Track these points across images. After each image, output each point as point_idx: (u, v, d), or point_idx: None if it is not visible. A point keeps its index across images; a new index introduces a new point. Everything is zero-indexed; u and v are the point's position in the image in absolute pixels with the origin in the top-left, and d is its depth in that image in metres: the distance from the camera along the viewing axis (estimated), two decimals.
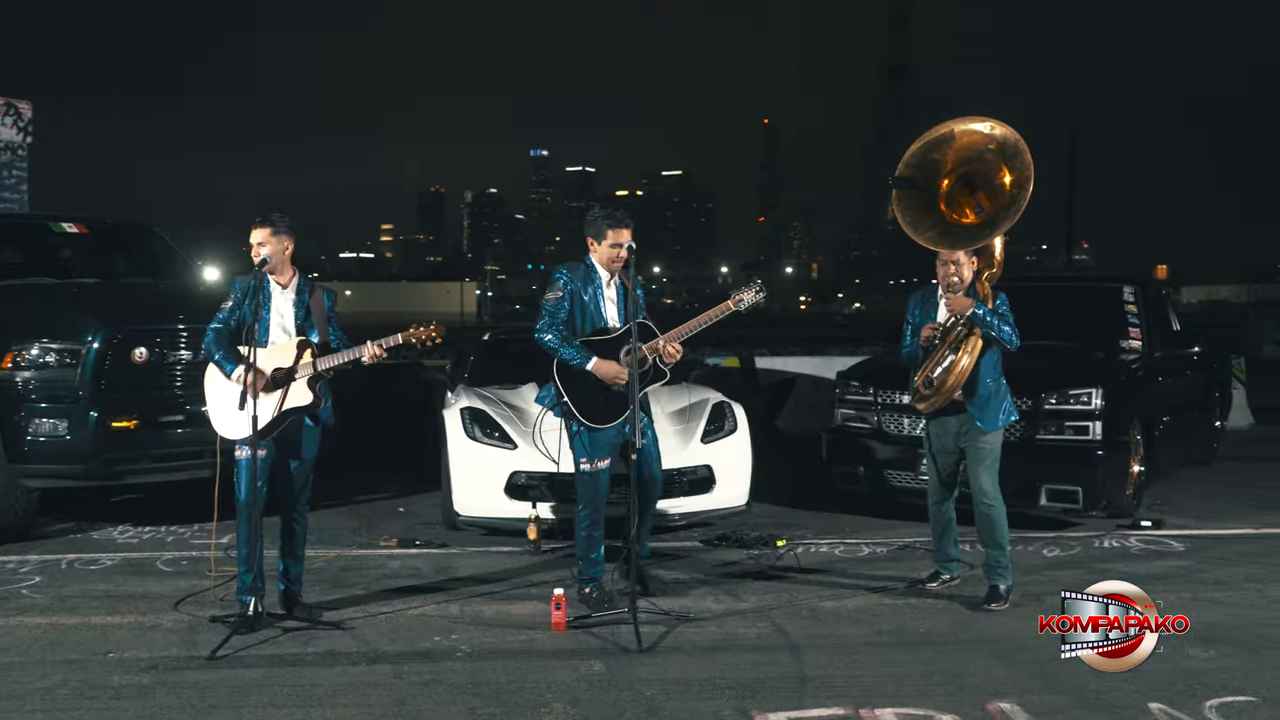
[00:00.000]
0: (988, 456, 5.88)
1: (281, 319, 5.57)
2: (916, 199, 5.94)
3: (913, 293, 6.35)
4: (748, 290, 5.95)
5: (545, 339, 5.73)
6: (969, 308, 5.78)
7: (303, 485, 5.68)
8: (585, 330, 5.82)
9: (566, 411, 5.74)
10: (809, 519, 8.20)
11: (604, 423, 5.72)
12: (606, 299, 5.87)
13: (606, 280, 5.88)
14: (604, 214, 5.87)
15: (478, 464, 7.43)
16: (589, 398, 5.71)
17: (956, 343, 5.84)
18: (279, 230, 5.53)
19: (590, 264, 5.88)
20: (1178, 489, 9.16)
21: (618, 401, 5.70)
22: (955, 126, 5.91)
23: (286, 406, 5.43)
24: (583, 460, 5.78)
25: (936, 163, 5.94)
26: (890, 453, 8.15)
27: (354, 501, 8.82)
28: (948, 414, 5.95)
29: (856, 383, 8.52)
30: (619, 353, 5.75)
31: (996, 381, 5.91)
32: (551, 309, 5.76)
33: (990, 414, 5.87)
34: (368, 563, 6.85)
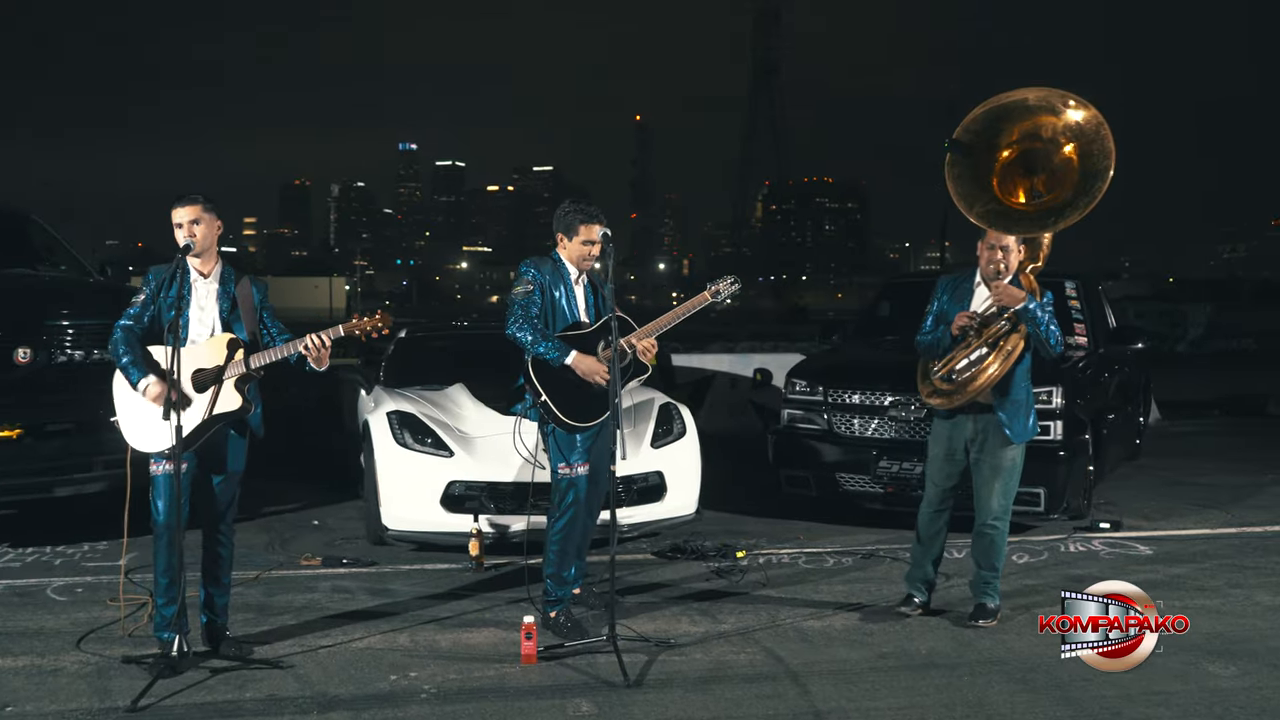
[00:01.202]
0: (1007, 472, 5.39)
1: (203, 313, 4.86)
2: (969, 169, 5.36)
3: (942, 275, 5.83)
4: (723, 281, 5.48)
5: (519, 335, 5.18)
6: (1020, 301, 5.23)
7: (228, 503, 4.98)
8: (556, 327, 5.29)
9: (546, 412, 5.18)
10: (759, 526, 7.75)
11: (586, 421, 5.19)
12: (577, 297, 5.35)
13: (575, 277, 5.37)
14: (576, 208, 5.34)
15: (409, 473, 6.78)
16: (569, 396, 5.16)
17: (995, 338, 5.30)
18: (210, 207, 4.83)
19: (558, 260, 5.37)
20: (1114, 487, 9.01)
21: (599, 399, 5.17)
22: (1030, 96, 5.31)
23: (215, 412, 4.73)
24: (561, 465, 5.23)
25: (999, 133, 5.35)
26: (842, 455, 7.76)
27: (262, 514, 8.05)
28: (966, 414, 5.43)
29: (804, 382, 8.11)
30: (596, 348, 5.23)
31: (1028, 386, 5.45)
32: (522, 303, 5.22)
33: (1020, 423, 5.38)
34: (292, 585, 6.15)
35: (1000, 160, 5.41)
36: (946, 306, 5.59)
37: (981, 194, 5.39)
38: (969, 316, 5.36)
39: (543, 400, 5.16)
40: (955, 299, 5.57)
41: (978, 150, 5.41)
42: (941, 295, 5.67)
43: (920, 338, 5.68)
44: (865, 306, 11.67)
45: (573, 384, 5.17)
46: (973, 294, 5.52)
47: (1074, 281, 8.94)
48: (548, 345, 5.16)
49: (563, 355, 5.15)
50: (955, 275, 5.74)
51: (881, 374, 7.83)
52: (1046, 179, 5.38)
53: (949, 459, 5.53)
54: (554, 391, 5.16)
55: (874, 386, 7.72)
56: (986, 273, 5.42)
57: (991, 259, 5.38)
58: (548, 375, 5.17)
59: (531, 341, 5.16)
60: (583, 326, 5.31)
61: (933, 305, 5.70)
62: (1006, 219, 5.34)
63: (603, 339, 5.26)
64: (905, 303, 9.33)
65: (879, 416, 7.65)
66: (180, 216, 4.80)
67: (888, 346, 8.69)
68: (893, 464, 7.52)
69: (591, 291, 5.44)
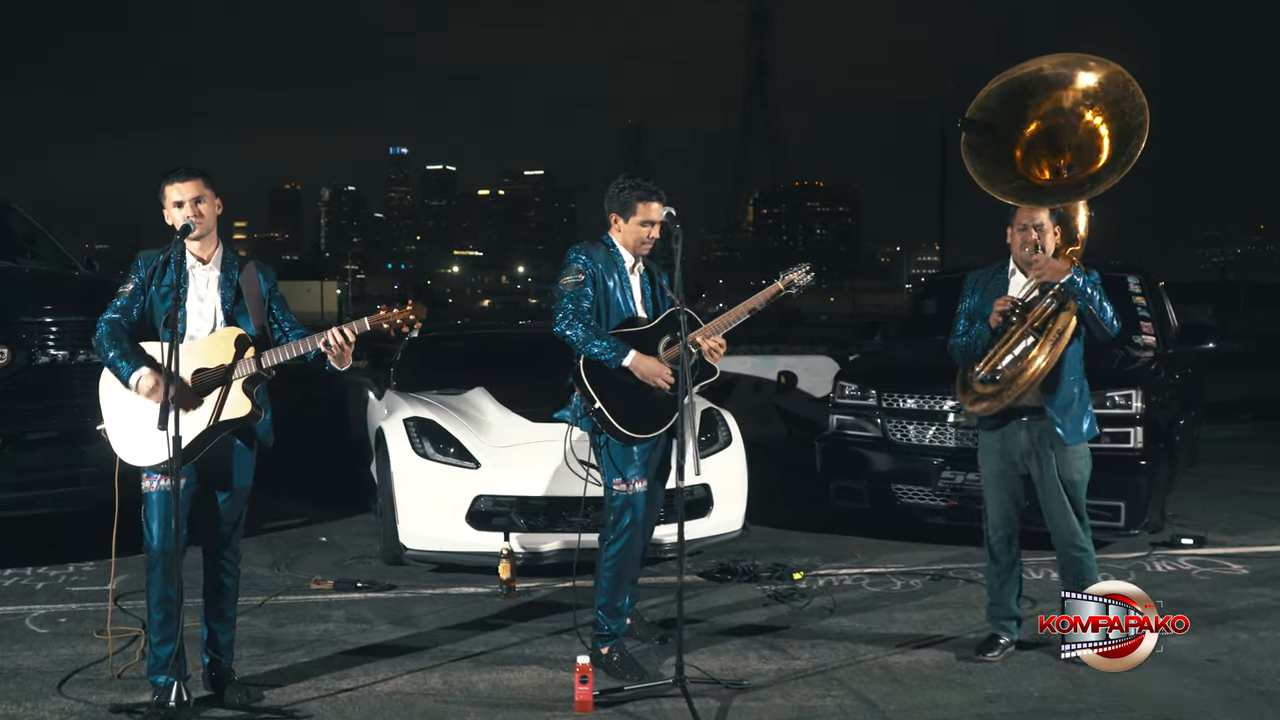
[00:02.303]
0: (1076, 483, 4.74)
1: (203, 304, 4.20)
2: (989, 146, 4.77)
3: (971, 270, 5.17)
4: (796, 271, 4.85)
5: (569, 333, 4.52)
6: (1065, 273, 4.58)
7: (233, 524, 4.32)
8: (610, 323, 4.63)
9: (600, 420, 4.51)
10: (809, 542, 7.09)
11: (647, 432, 4.54)
12: (633, 287, 4.69)
13: (631, 265, 4.71)
14: (632, 184, 4.68)
15: (431, 487, 6.11)
16: (626, 402, 4.50)
17: (1041, 322, 4.65)
18: (211, 183, 4.17)
19: (611, 245, 4.71)
20: (1179, 497, 8.36)
21: (661, 406, 4.52)
22: (1046, 66, 4.74)
23: (220, 419, 4.06)
24: (616, 481, 4.57)
25: (1020, 109, 4.79)
26: (898, 464, 7.10)
27: (263, 530, 7.36)
28: (1016, 421, 4.77)
29: (855, 385, 7.45)
30: (657, 347, 4.57)
31: (1080, 380, 4.80)
32: (573, 295, 4.56)
33: (1074, 422, 4.72)
34: (303, 613, 5.47)
35: (1024, 138, 4.87)
36: (979, 304, 4.93)
37: (1004, 171, 4.83)
38: (1009, 302, 4.70)
39: (596, 408, 4.50)
40: (989, 294, 4.90)
41: (998, 127, 4.83)
42: (972, 293, 5.01)
43: (954, 341, 5.01)
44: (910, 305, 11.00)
45: (630, 388, 4.51)
46: (1007, 283, 4.89)
47: (1137, 277, 8.29)
48: (603, 344, 4.49)
49: (620, 356, 4.49)
50: (985, 269, 5.08)
51: (939, 376, 7.12)
52: (1074, 155, 4.83)
53: (1006, 476, 4.86)
54: (609, 397, 4.50)
55: (932, 389, 7.06)
56: (1021, 257, 4.80)
57: (1025, 241, 4.74)
58: (602, 378, 4.52)
59: (584, 340, 4.50)
60: (640, 322, 4.65)
61: (963, 304, 5.04)
62: (1037, 193, 4.77)
63: (664, 336, 4.60)
64: (952, 300, 8.66)
65: (939, 422, 7.00)
66: (180, 193, 4.14)
67: (939, 347, 8.02)
68: (956, 474, 6.86)
69: (649, 281, 4.79)
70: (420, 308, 4.13)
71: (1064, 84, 4.76)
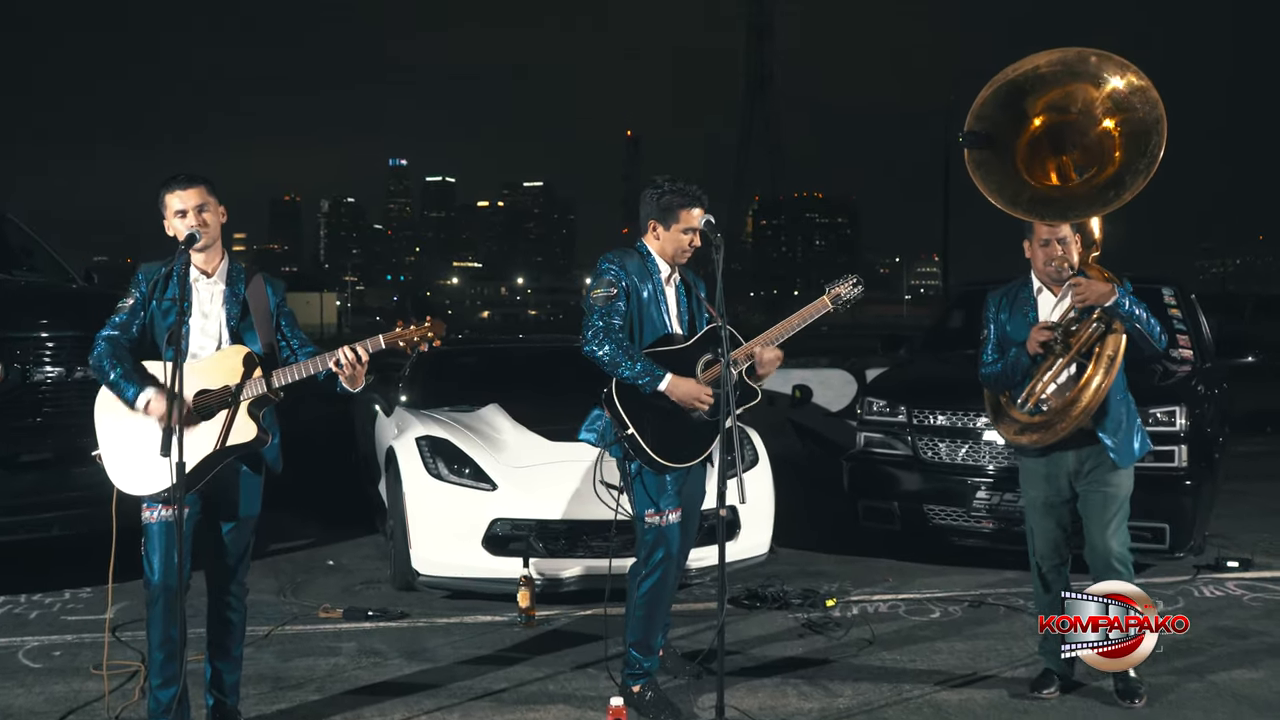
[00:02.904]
0: (1116, 503, 4.43)
1: (207, 320, 3.91)
2: (994, 159, 4.43)
3: (990, 291, 4.81)
4: (844, 283, 4.54)
5: (599, 353, 4.21)
6: (1109, 296, 4.27)
7: (240, 556, 4.03)
8: (644, 340, 4.33)
9: (632, 447, 4.21)
10: (838, 565, 6.79)
11: (684, 460, 4.25)
12: (669, 300, 4.39)
13: (666, 276, 4.40)
14: (675, 188, 4.35)
15: (446, 509, 5.82)
16: (661, 427, 4.21)
17: (1088, 346, 4.35)
18: (214, 190, 3.90)
19: (645, 253, 4.40)
20: (1214, 516, 8.06)
21: (698, 432, 4.23)
22: (1041, 63, 4.39)
23: (225, 444, 3.78)
24: (649, 512, 4.28)
25: (1018, 112, 4.45)
26: (930, 484, 6.81)
27: (268, 553, 7.07)
28: (1064, 447, 4.46)
29: (883, 401, 7.15)
30: (695, 367, 4.27)
31: (1127, 398, 4.50)
32: (604, 311, 4.25)
33: (1126, 444, 4.42)
34: (311, 645, 5.18)
35: (1022, 142, 4.52)
36: (1008, 326, 4.61)
37: (1014, 182, 4.49)
38: (1048, 329, 4.40)
39: (629, 433, 4.19)
40: (1016, 315, 4.60)
41: (1001, 136, 4.50)
42: (998, 315, 4.69)
43: (985, 371, 4.68)
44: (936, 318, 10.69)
45: (666, 412, 4.21)
46: (1035, 304, 4.57)
47: (1172, 288, 8.02)
48: (636, 368, 4.18)
49: (655, 381, 4.17)
50: (1004, 288, 4.74)
51: (972, 391, 6.80)
52: (1082, 155, 4.48)
53: (1053, 503, 4.55)
54: (643, 422, 4.20)
55: (965, 406, 6.77)
56: (1046, 274, 4.48)
57: (1049, 256, 4.42)
58: (635, 401, 4.21)
59: (615, 362, 4.18)
60: (675, 339, 4.36)
61: (988, 330, 4.70)
62: (1058, 205, 4.42)
63: (703, 355, 4.31)
64: (980, 312, 8.39)
65: (973, 440, 6.71)
66: (183, 201, 3.86)
67: (968, 360, 7.74)
68: (992, 495, 6.57)
69: (685, 292, 4.48)
70: (440, 324, 3.84)
71: (1063, 80, 4.39)
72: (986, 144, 4.44)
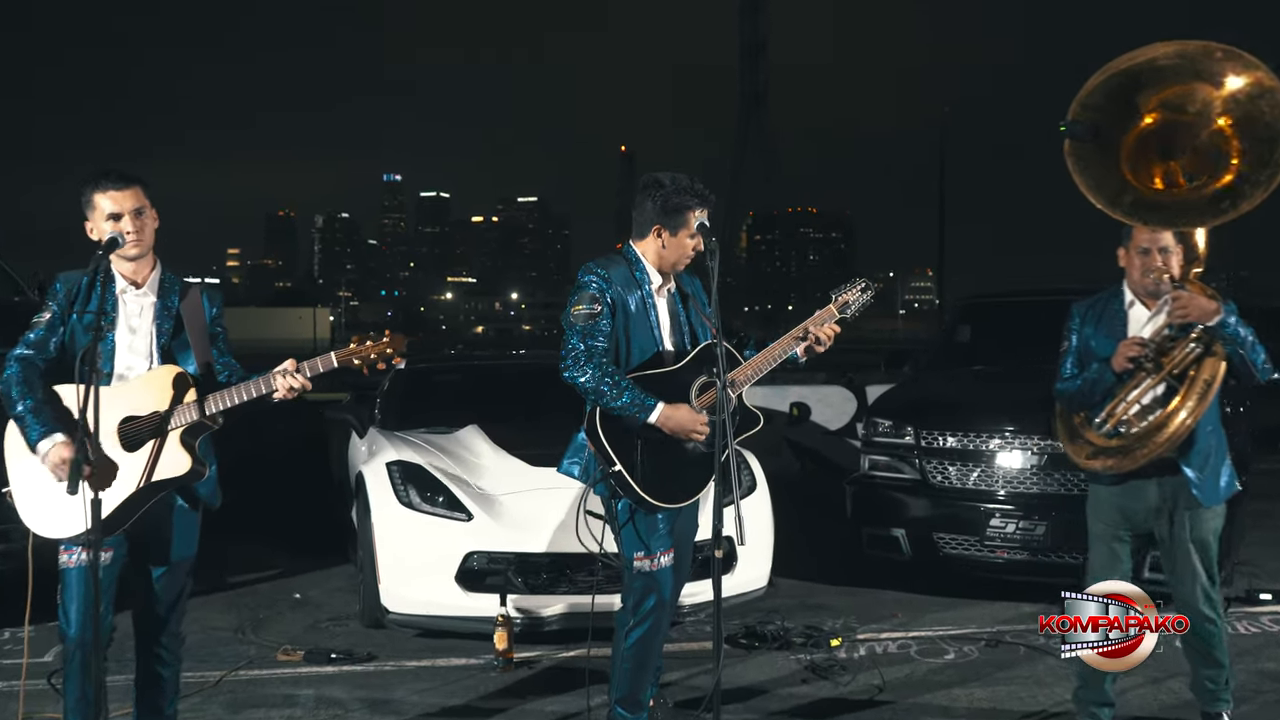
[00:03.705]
0: (1202, 546, 4.01)
1: (134, 336, 3.46)
2: (1094, 153, 3.97)
3: (1075, 302, 4.35)
4: (851, 289, 4.09)
5: (580, 379, 3.71)
6: (1214, 314, 3.82)
7: (171, 604, 3.56)
8: (630, 360, 3.85)
9: (620, 485, 3.74)
10: (842, 598, 6.33)
11: (678, 500, 3.79)
12: (660, 312, 3.92)
13: (658, 285, 3.92)
14: (678, 188, 3.83)
15: (417, 541, 5.36)
16: (653, 462, 3.74)
17: (1182, 368, 3.91)
18: (150, 191, 3.46)
19: (634, 259, 3.91)
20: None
21: (694, 467, 3.77)
22: (1160, 54, 3.92)
23: (153, 479, 3.32)
24: (638, 555, 3.81)
25: (1129, 105, 3.98)
26: (939, 511, 6.36)
27: (230, 586, 6.60)
28: (1143, 476, 4.01)
29: (889, 422, 6.70)
30: (690, 391, 3.80)
31: (1218, 430, 4.06)
32: (585, 330, 3.75)
33: (1213, 478, 3.99)
34: (265, 694, 4.71)
35: (1131, 139, 4.05)
36: (1092, 340, 4.17)
37: (1116, 181, 4.02)
38: (1139, 344, 3.96)
39: (615, 470, 3.71)
40: (1103, 328, 4.16)
41: (1106, 129, 4.03)
42: (1082, 326, 4.23)
43: (1063, 385, 4.22)
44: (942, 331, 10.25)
45: (657, 444, 3.74)
46: (1126, 317, 4.12)
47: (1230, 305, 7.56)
48: (623, 398, 3.67)
49: (645, 412, 3.68)
50: (1091, 298, 4.30)
51: (984, 411, 6.45)
52: (1192, 160, 4.02)
53: (1123, 539, 4.11)
54: (631, 457, 3.71)
55: (976, 427, 6.33)
56: (1142, 286, 4.05)
57: (1148, 267, 3.99)
58: (622, 433, 3.73)
59: (599, 390, 3.69)
60: (666, 359, 3.89)
61: (1070, 341, 4.25)
62: (1164, 211, 3.97)
63: (699, 377, 3.84)
64: (989, 326, 7.97)
65: (986, 463, 6.26)
66: (117, 203, 3.42)
67: (977, 378, 7.30)
68: (1006, 523, 6.12)
69: (679, 302, 4.01)
70: (399, 339, 3.40)
71: (1183, 77, 3.92)
72: (1091, 136, 3.95)
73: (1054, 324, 7.52)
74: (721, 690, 4.46)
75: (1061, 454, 6.13)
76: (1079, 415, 4.15)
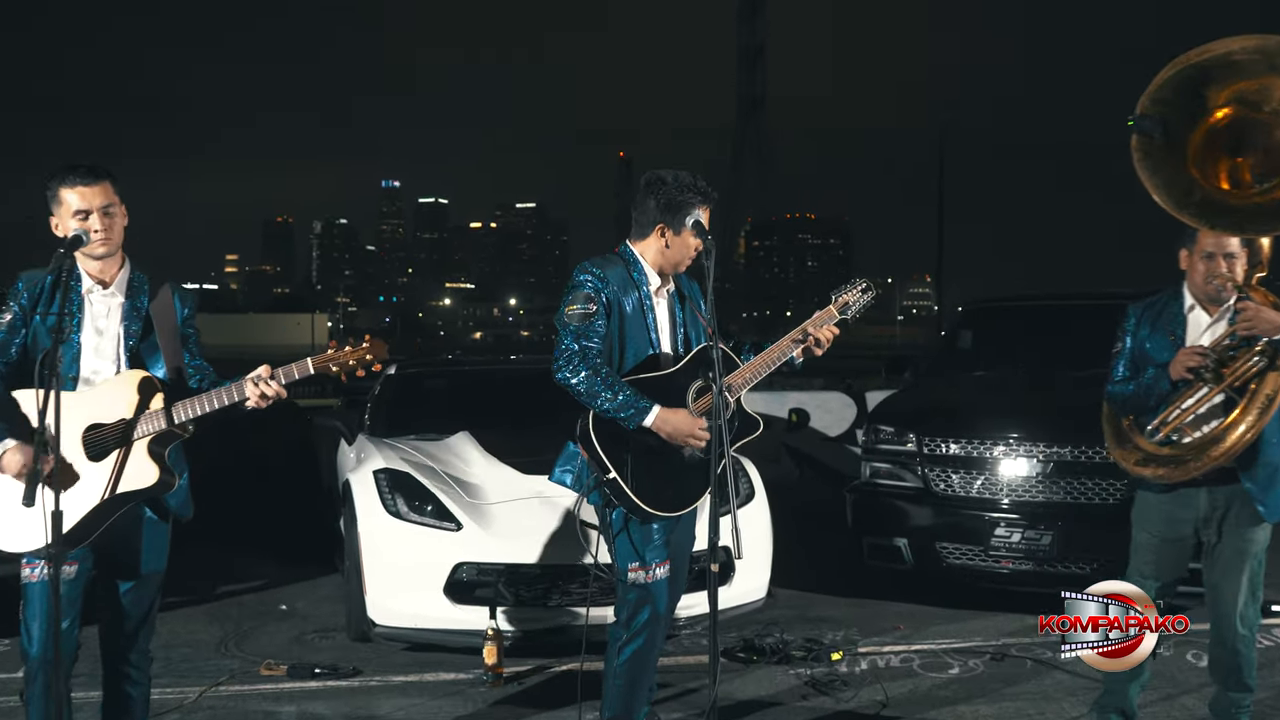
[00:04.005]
0: (1252, 560, 3.86)
1: (101, 339, 3.30)
2: (1161, 150, 3.77)
3: (1132, 303, 4.18)
4: (851, 290, 3.94)
5: (573, 380, 3.55)
6: None
7: (140, 620, 3.40)
8: (626, 363, 3.69)
9: (614, 493, 3.58)
10: (842, 610, 6.16)
11: (674, 508, 3.63)
12: (657, 313, 3.75)
13: (657, 286, 3.77)
14: (680, 185, 3.67)
15: (405, 552, 5.19)
16: (649, 469, 3.58)
17: (1243, 380, 3.75)
18: (119, 187, 3.30)
19: (632, 260, 3.75)
20: None
21: (691, 474, 3.61)
22: (1236, 48, 3.71)
23: (119, 490, 3.16)
24: (632, 566, 3.64)
25: (1199, 101, 3.77)
26: (942, 519, 6.18)
27: (214, 597, 6.43)
28: (1194, 483, 3.86)
29: (891, 428, 6.53)
30: (687, 396, 3.64)
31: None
32: (580, 330, 3.59)
33: (1275, 495, 3.83)
34: (246, 710, 4.55)
35: (1197, 134, 3.86)
36: (1148, 343, 4.01)
37: (1184, 179, 3.84)
38: (1199, 354, 3.80)
39: (610, 478, 3.55)
40: (1160, 331, 4.00)
41: (1175, 124, 3.84)
42: (1137, 329, 4.07)
43: (1115, 389, 4.06)
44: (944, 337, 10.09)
45: (653, 451, 3.58)
46: (1184, 321, 3.97)
47: None
48: (618, 399, 3.52)
49: (640, 414, 3.52)
50: (1147, 301, 4.14)
51: (988, 417, 6.29)
52: (1263, 160, 3.80)
53: (1168, 546, 3.96)
54: (626, 463, 3.55)
55: (980, 433, 6.17)
56: (1204, 291, 3.90)
57: (1212, 272, 3.85)
58: (616, 438, 3.56)
59: (592, 392, 3.53)
60: (664, 361, 3.73)
61: (1124, 343, 4.10)
62: (1234, 216, 3.77)
63: (697, 380, 3.68)
64: (992, 331, 7.80)
65: (990, 471, 6.09)
66: (85, 200, 3.26)
67: (981, 383, 7.14)
68: (1011, 532, 5.96)
69: (678, 303, 3.85)
70: (380, 345, 3.24)
71: (1259, 72, 3.70)
72: (1159, 131, 3.76)
73: (1058, 328, 7.30)
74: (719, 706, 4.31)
75: (1068, 461, 6.03)
76: (1128, 419, 4.00)
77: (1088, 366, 5.64)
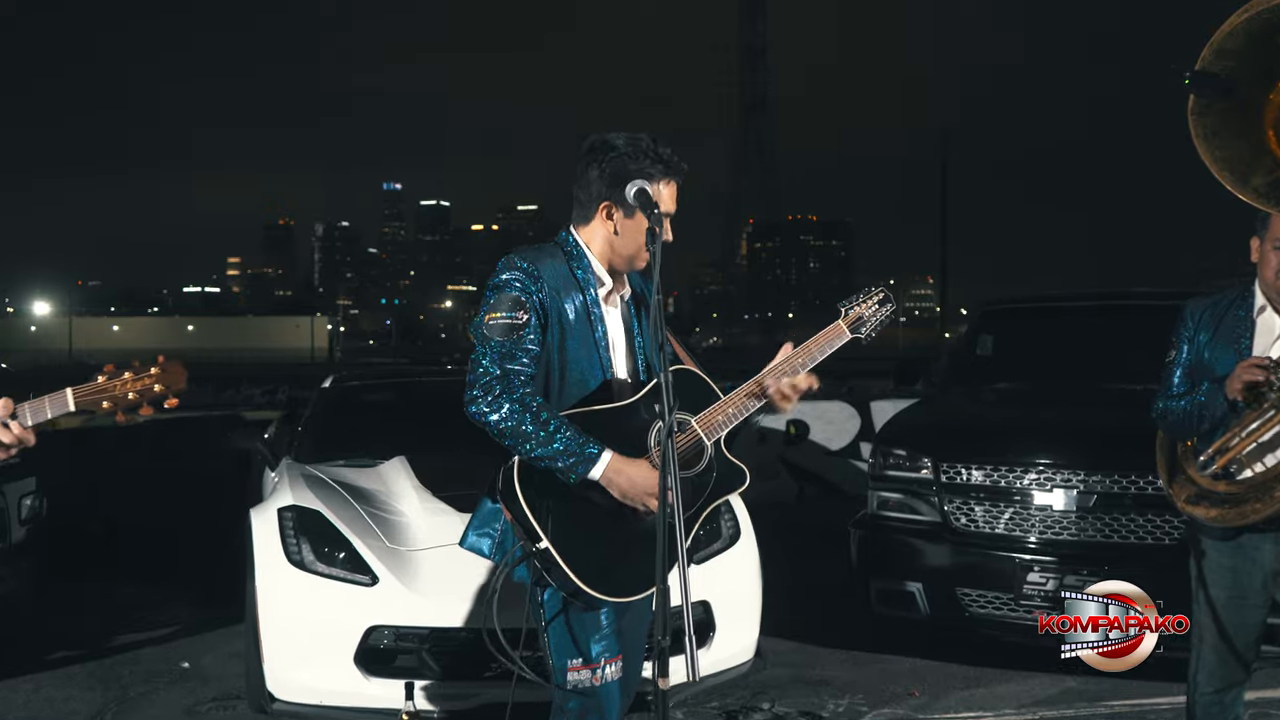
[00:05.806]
0: None
1: None
2: (1226, 115, 2.88)
3: (1190, 301, 3.41)
4: (864, 302, 2.96)
5: (492, 417, 2.59)
6: None
7: None
8: (567, 392, 2.71)
9: (547, 567, 2.61)
10: (847, 669, 5.20)
11: (628, 591, 2.65)
12: (608, 325, 2.77)
13: (607, 291, 2.78)
14: (637, 149, 2.67)
15: (309, 611, 4.24)
16: (594, 536, 2.61)
17: None
18: None
19: (576, 252, 2.76)
20: None
21: (648, 543, 2.59)
22: None
23: None
24: (573, 663, 2.68)
25: (1273, 57, 2.85)
26: (964, 561, 5.23)
27: (104, 651, 5.47)
28: (1260, 529, 3.07)
29: (903, 451, 5.55)
30: (648, 437, 2.67)
31: None
32: (503, 349, 2.62)
33: None
34: None
35: (1275, 98, 2.93)
36: (1207, 351, 3.25)
37: (1254, 152, 2.91)
38: (1260, 367, 3.00)
39: (542, 548, 2.57)
40: (1221, 336, 3.23)
41: (1245, 85, 2.90)
42: (1196, 333, 3.31)
43: (1165, 404, 3.30)
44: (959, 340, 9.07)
45: (601, 512, 2.61)
46: (1252, 326, 3.20)
47: None
48: (554, 443, 2.54)
49: (586, 464, 2.55)
50: (1211, 299, 3.36)
51: (1019, 438, 5.33)
52: None
53: (1240, 603, 3.19)
54: (563, 528, 2.57)
55: (1010, 458, 5.21)
56: (1276, 288, 3.13)
57: None
58: (550, 494, 2.59)
59: (519, 432, 2.55)
60: (617, 392, 2.73)
61: (1180, 350, 3.34)
62: None
63: (658, 419, 2.65)
64: (1014, 336, 6.81)
65: (1020, 503, 5.14)
66: None
67: (1012, 398, 6.16)
68: (1048, 577, 5.00)
69: (635, 315, 2.85)
70: (177, 370, 2.28)
71: None
72: (1223, 93, 2.86)
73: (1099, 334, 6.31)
74: None
75: (1112, 493, 5.08)
76: (1183, 445, 3.18)
77: (1137, 379, 4.80)
